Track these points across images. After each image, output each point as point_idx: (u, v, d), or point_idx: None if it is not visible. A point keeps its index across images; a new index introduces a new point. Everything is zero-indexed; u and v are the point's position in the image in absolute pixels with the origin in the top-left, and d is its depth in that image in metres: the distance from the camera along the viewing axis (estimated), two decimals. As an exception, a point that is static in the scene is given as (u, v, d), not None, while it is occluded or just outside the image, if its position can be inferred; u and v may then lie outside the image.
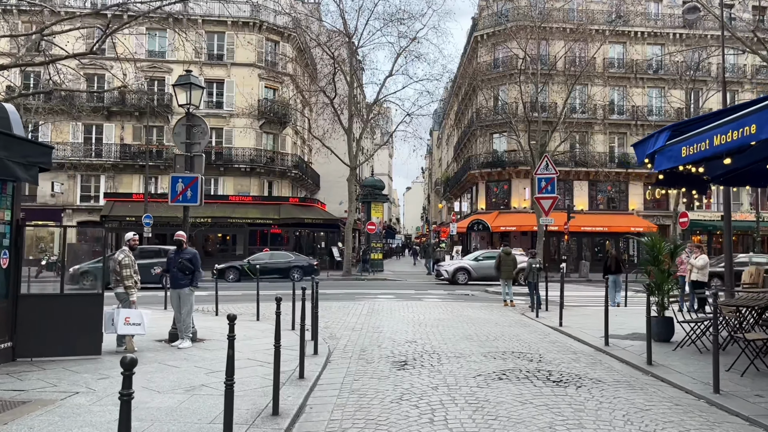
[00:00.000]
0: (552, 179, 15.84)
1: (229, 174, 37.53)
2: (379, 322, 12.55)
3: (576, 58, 37.48)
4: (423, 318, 13.29)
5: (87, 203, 36.67)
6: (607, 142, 39.99)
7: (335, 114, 31.87)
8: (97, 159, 36.37)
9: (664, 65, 40.40)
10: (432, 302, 17.28)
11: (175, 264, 9.43)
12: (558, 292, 13.45)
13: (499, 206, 40.41)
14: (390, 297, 19.41)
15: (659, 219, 39.36)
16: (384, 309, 14.93)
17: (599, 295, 20.77)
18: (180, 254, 9.44)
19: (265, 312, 12.81)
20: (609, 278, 16.98)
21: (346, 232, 32.52)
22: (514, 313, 14.81)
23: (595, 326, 11.70)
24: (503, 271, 17.11)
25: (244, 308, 14.62)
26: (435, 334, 10.89)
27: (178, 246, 9.55)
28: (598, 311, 14.66)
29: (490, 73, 39.55)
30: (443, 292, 21.90)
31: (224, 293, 16.90)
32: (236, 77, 37.16)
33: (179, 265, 9.37)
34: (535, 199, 15.70)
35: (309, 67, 41.17)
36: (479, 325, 12.29)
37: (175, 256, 9.52)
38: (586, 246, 38.91)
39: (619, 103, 40.12)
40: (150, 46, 37.44)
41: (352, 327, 11.92)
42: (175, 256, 9.51)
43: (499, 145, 40.99)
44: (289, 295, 11.43)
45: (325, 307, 15.54)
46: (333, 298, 18.88)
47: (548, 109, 36.89)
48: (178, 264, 9.39)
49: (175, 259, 9.47)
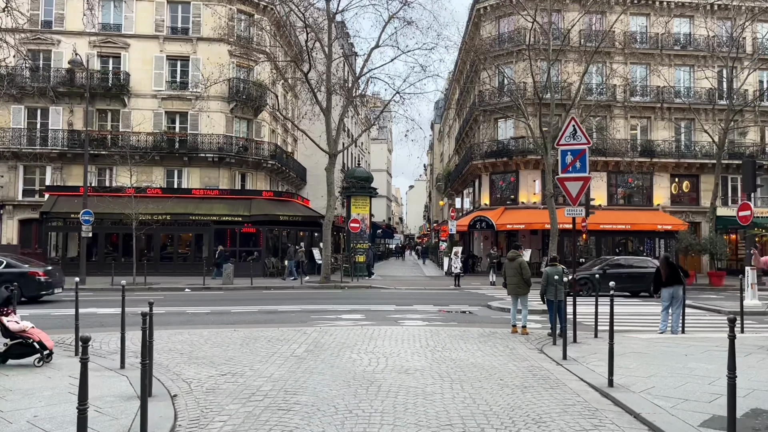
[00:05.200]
0: (582, 152, 10.90)
1: (194, 164, 32.64)
2: (306, 379, 7.62)
3: (592, 32, 32.48)
4: (385, 366, 8.36)
5: (30, 198, 31.81)
6: (628, 127, 34.91)
7: (311, 90, 26.93)
8: (42, 147, 31.55)
9: (694, 40, 35.32)
10: (412, 329, 12.30)
11: None
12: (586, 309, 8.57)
13: (504, 201, 35.41)
14: (357, 318, 14.46)
15: (689, 215, 34.31)
16: (333, 345, 10.00)
17: (643, 313, 15.60)
18: None
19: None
20: (663, 292, 12.08)
21: (324, 231, 27.60)
22: (527, 349, 9.88)
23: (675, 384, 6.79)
24: (508, 284, 12.18)
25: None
26: (390, 417, 5.96)
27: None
28: (658, 344, 9.82)
29: (495, 50, 34.53)
30: (433, 308, 16.94)
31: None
32: (203, 54, 32.27)
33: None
34: (557, 181, 10.70)
35: (293, 47, 36.28)
36: (472, 384, 7.36)
37: None
38: (605, 246, 33.85)
39: (642, 83, 35.02)
40: (104, 18, 32.63)
41: (255, 390, 7.00)
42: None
43: (504, 132, 35.98)
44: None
45: (254, 337, 10.68)
46: (278, 320, 13.97)
47: (561, 90, 31.87)
48: None
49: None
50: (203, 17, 32.40)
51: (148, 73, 32.43)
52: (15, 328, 8.14)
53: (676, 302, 12.15)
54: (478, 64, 34.01)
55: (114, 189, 29.32)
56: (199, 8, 32.76)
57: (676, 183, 35.13)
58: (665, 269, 11.79)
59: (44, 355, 8.19)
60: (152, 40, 32.49)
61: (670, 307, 12.11)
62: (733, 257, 34.35)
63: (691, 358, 8.94)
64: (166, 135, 32.35)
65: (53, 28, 32.10)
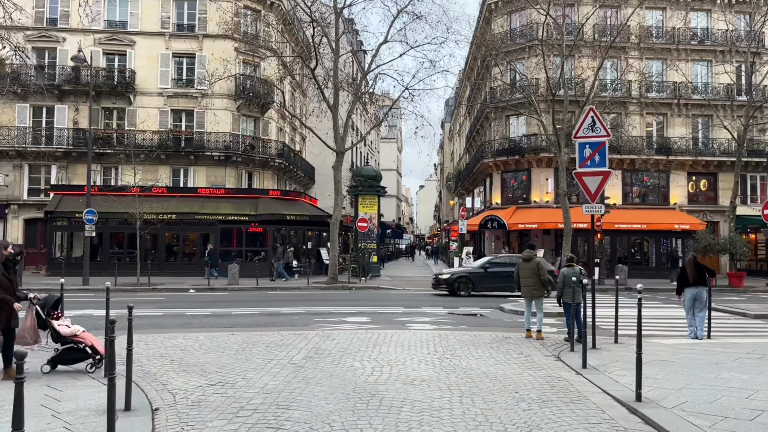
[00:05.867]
0: (601, 144, 10.19)
1: (201, 163, 32.15)
2: (301, 390, 6.97)
3: (607, 26, 31.63)
4: (388, 375, 7.71)
5: (36, 197, 31.47)
6: (644, 124, 33.98)
7: (317, 87, 26.32)
8: (48, 146, 31.19)
9: (712, 34, 34.34)
10: (419, 333, 11.63)
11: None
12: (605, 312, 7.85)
13: (516, 201, 34.61)
14: (362, 321, 13.80)
15: (706, 215, 33.31)
16: (334, 351, 9.35)
17: (660, 316, 14.76)
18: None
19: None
20: (686, 293, 11.34)
21: (331, 231, 26.96)
22: (543, 356, 9.19)
23: (709, 398, 6.07)
24: (522, 286, 11.46)
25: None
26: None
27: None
28: (684, 351, 8.92)
29: (506, 45, 33.73)
30: (442, 311, 16.25)
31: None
32: (209, 51, 31.73)
33: None
34: (574, 176, 9.97)
35: (300, 44, 35.70)
36: (484, 397, 6.69)
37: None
38: (620, 246, 32.96)
39: (658, 79, 34.07)
40: (110, 15, 32.25)
41: (245, 403, 6.37)
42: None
43: (516, 129, 35.17)
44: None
45: (251, 342, 10.07)
46: (279, 323, 13.37)
47: (575, 87, 31.03)
48: None
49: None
50: (209, 14, 31.88)
51: (154, 70, 31.99)
52: (66, 333, 7.74)
53: (699, 305, 11.40)
54: (489, 60, 33.25)
55: (119, 188, 28.85)
56: (205, 4, 32.27)
57: (693, 181, 34.15)
58: (693, 270, 11.02)
59: (96, 360, 7.81)
60: (158, 37, 32.05)
61: (696, 309, 11.37)
62: (753, 257, 33.35)
63: (723, 368, 8.21)
64: (172, 133, 31.89)
65: (58, 25, 31.77)
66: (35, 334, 7.65)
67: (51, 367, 7.77)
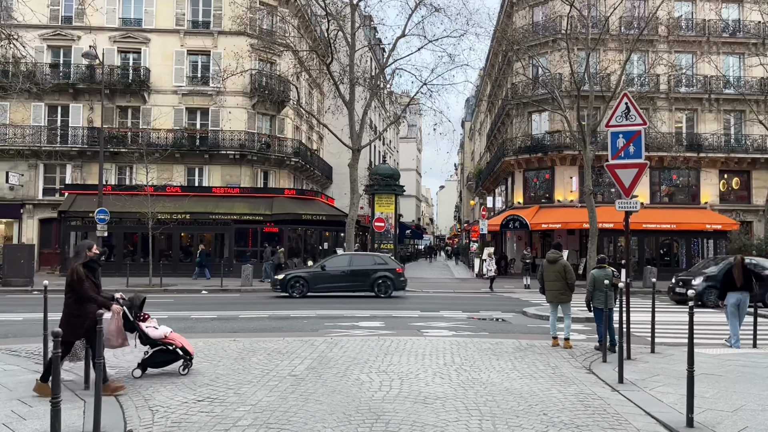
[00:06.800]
0: (636, 134, 9.26)
1: (215, 162, 31.59)
2: (298, 409, 6.13)
3: (633, 18, 30.35)
4: (398, 391, 6.83)
5: (51, 197, 31.17)
6: (673, 120, 32.61)
7: (333, 82, 25.56)
8: (63, 145, 30.89)
9: (744, 26, 32.85)
10: (435, 341, 10.73)
11: None
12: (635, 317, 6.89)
13: (539, 200, 33.46)
14: (375, 326, 12.94)
15: (739, 214, 31.82)
16: (340, 361, 8.51)
17: (702, 321, 12.75)
18: None
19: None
20: (729, 298, 10.30)
21: (347, 230, 26.17)
22: (572, 368, 8.24)
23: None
24: (547, 290, 10.45)
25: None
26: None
27: None
28: (731, 363, 7.73)
29: (529, 39, 32.61)
30: (461, 315, 15.34)
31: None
32: (224, 48, 31.13)
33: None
34: (606, 168, 9.04)
35: (315, 39, 35.00)
36: (507, 421, 5.78)
37: None
38: (648, 247, 31.65)
39: (688, 73, 32.66)
40: (124, 13, 31.88)
41: (231, 425, 5.54)
42: None
43: (539, 126, 34.02)
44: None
45: (252, 350, 9.29)
46: (286, 328, 12.59)
47: (600, 81, 29.82)
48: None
49: None
50: (224, 10, 31.32)
51: (169, 68, 31.54)
52: (156, 335, 7.34)
53: (742, 312, 10.39)
54: (511, 55, 32.20)
55: (132, 187, 28.49)
56: (220, 1, 31.72)
57: (725, 180, 32.66)
58: (740, 273, 9.96)
59: (188, 360, 7.52)
60: (173, 34, 31.58)
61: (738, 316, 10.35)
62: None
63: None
64: (187, 132, 31.40)
65: (73, 23, 31.46)
66: (121, 337, 7.15)
67: (142, 371, 7.44)
